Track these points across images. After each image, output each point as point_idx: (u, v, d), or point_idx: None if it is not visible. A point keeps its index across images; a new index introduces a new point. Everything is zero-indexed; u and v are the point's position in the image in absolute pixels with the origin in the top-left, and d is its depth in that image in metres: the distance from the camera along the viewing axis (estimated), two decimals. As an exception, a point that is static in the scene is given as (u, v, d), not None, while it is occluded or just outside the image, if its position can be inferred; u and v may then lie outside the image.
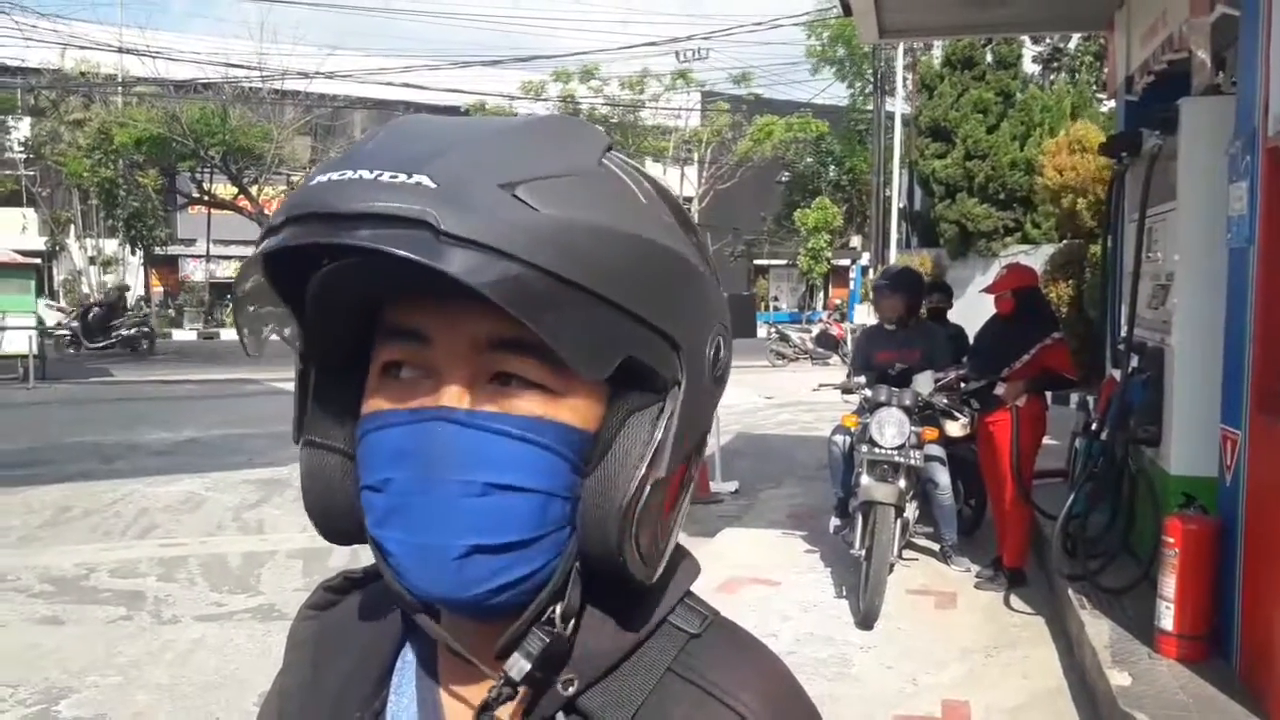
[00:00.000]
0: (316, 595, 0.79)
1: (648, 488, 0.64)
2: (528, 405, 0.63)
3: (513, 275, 0.57)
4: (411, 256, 0.55)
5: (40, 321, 17.43)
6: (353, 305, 0.66)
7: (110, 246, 32.61)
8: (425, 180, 0.57)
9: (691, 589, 0.74)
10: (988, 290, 5.95)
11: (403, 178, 0.58)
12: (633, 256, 0.62)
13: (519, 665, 0.64)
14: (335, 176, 0.59)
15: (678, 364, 0.65)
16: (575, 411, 0.64)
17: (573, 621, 0.66)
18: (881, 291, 6.13)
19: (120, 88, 31.21)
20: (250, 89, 30.22)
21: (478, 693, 0.68)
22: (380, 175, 0.58)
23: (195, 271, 35.60)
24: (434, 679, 0.72)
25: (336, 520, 0.69)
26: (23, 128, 31.35)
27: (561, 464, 0.64)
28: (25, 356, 16.14)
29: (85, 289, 32.39)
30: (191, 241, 34.65)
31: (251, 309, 0.67)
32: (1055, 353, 5.66)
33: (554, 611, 0.65)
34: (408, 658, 0.74)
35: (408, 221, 0.56)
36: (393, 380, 0.65)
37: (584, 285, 0.59)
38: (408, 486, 0.63)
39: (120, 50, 28.61)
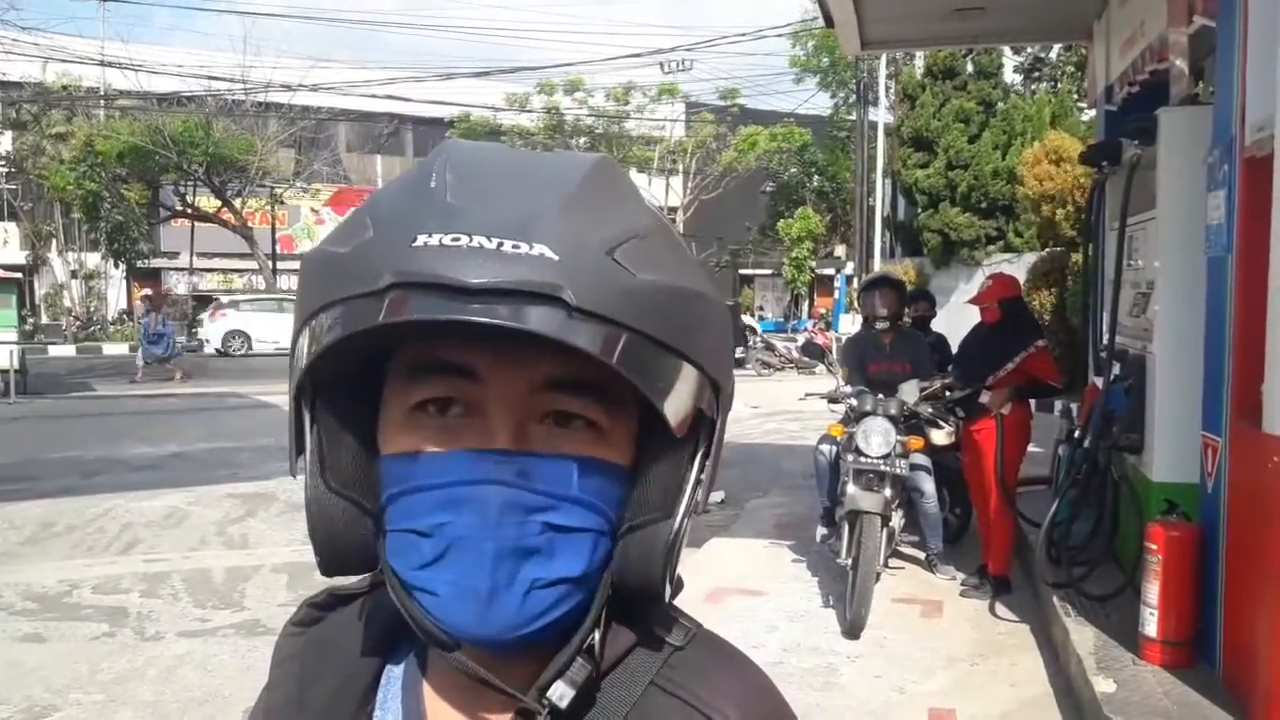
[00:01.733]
0: (302, 612, 0.78)
1: (689, 523, 0.66)
2: (581, 445, 0.64)
3: (631, 344, 0.58)
4: (556, 337, 0.56)
5: (22, 336, 17.33)
6: (376, 345, 0.64)
7: (93, 260, 32.44)
8: (547, 251, 0.57)
9: (675, 602, 0.74)
10: (974, 301, 5.99)
11: (525, 248, 0.57)
12: (699, 313, 0.64)
13: (561, 691, 0.65)
14: (448, 241, 0.57)
15: (716, 404, 0.67)
16: (617, 449, 0.66)
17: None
18: (872, 290, 6.15)
19: (103, 101, 31.09)
20: (234, 101, 30.15)
21: (462, 712, 0.69)
22: (502, 245, 0.57)
23: (178, 284, 35.40)
24: (419, 696, 0.72)
25: (348, 559, 0.68)
26: (4, 141, 31.16)
27: (613, 501, 0.66)
28: (6, 371, 16.01)
29: (67, 303, 32.20)
30: (175, 254, 34.49)
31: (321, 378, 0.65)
32: (1039, 360, 5.70)
33: (593, 640, 0.66)
34: (393, 674, 0.73)
35: (540, 297, 0.56)
36: (431, 417, 0.64)
37: (674, 347, 0.61)
38: (464, 531, 0.62)
39: (103, 63, 28.52)
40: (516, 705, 0.66)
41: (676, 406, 0.62)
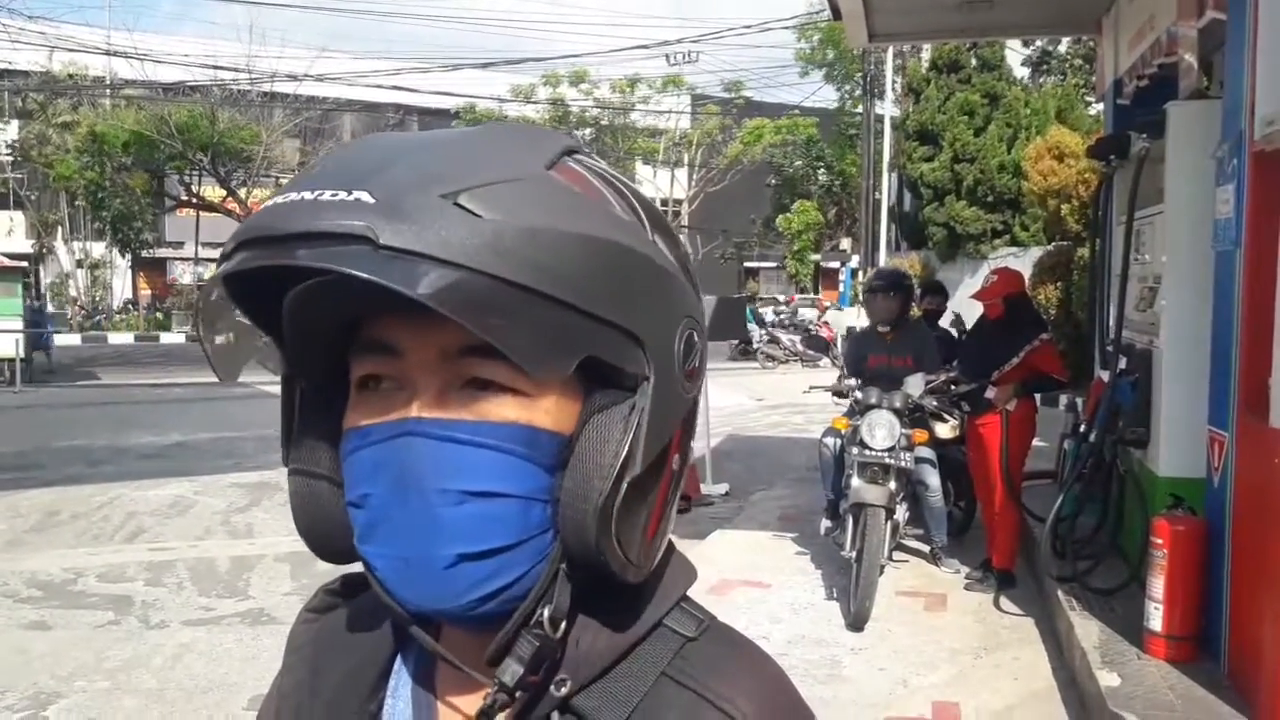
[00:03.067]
0: (317, 598, 0.79)
1: (624, 485, 0.63)
2: (502, 410, 0.63)
3: (453, 281, 0.57)
4: (350, 272, 0.56)
5: (29, 323, 17.33)
6: (328, 324, 0.66)
7: (98, 249, 32.49)
8: (364, 196, 0.58)
9: (688, 593, 0.74)
10: (978, 296, 5.97)
11: (342, 195, 0.58)
12: (582, 255, 0.61)
13: (511, 670, 0.64)
14: (280, 200, 0.60)
15: (644, 360, 0.65)
16: (549, 414, 0.64)
17: (563, 624, 0.66)
18: (875, 294, 6.13)
19: (108, 90, 31.09)
20: (239, 91, 30.14)
21: (472, 697, 0.68)
22: (321, 195, 0.59)
23: (183, 274, 35.44)
24: (429, 683, 0.72)
25: (331, 540, 0.69)
26: (10, 130, 31.20)
27: (537, 467, 0.64)
28: (12, 360, 16.05)
29: (72, 292, 32.25)
30: (179, 244, 34.53)
31: (217, 328, 0.68)
32: (1044, 353, 5.68)
33: (542, 615, 0.65)
34: (405, 661, 0.74)
35: (346, 238, 0.57)
36: (369, 394, 0.66)
37: (530, 286, 0.59)
38: (385, 500, 0.63)
39: (108, 53, 28.52)
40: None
41: (536, 350, 0.60)
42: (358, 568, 0.71)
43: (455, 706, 0.70)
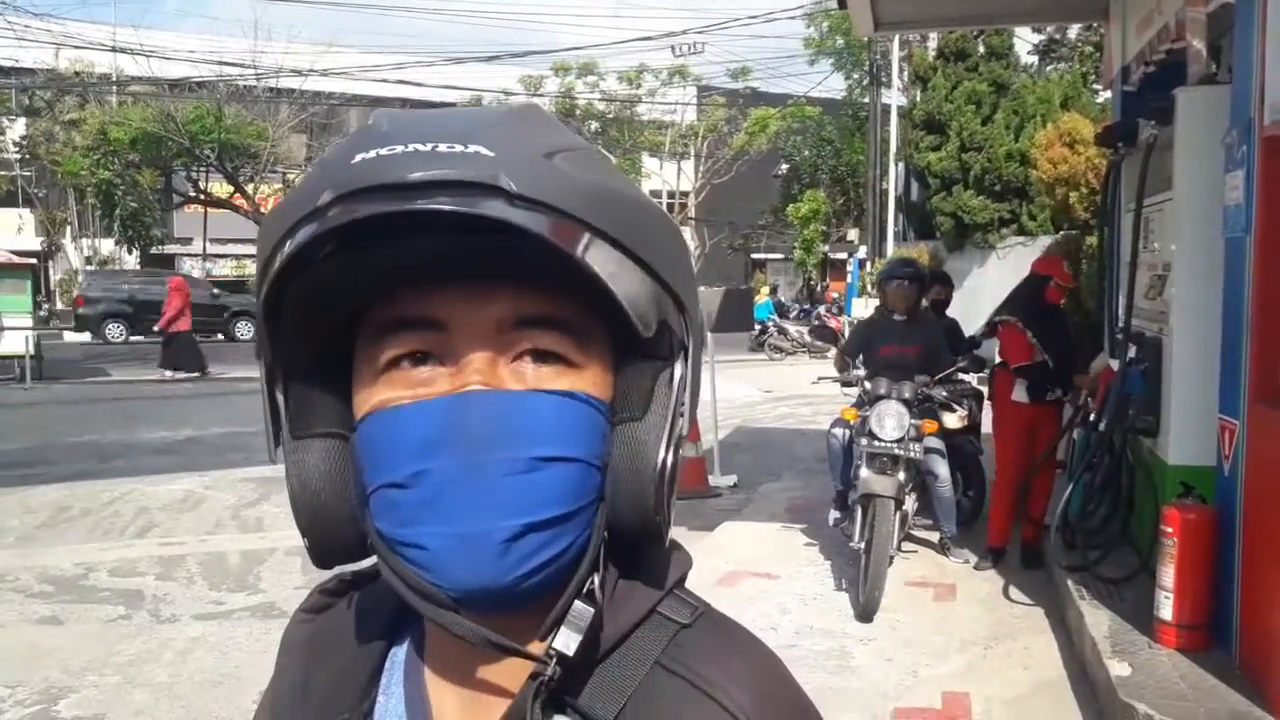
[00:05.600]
0: (312, 599, 0.78)
1: (673, 450, 0.65)
2: (555, 379, 0.63)
3: (582, 234, 0.59)
4: (503, 219, 0.56)
5: (37, 321, 17.39)
6: (342, 302, 0.64)
7: (106, 246, 32.57)
8: (482, 149, 0.58)
9: (684, 581, 0.73)
10: (1047, 271, 6.07)
11: (459, 148, 0.58)
12: (646, 217, 0.64)
13: (570, 640, 0.63)
14: (384, 152, 0.57)
15: (684, 326, 0.66)
16: (594, 384, 0.65)
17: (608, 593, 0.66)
18: (900, 283, 6.08)
19: (115, 87, 31.14)
20: (245, 87, 30.16)
21: (466, 689, 0.68)
22: (437, 147, 0.57)
23: (192, 271, 35.56)
24: (421, 679, 0.71)
25: (335, 534, 0.66)
26: (18, 128, 31.29)
27: (598, 431, 0.64)
28: (22, 357, 16.11)
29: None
30: (188, 241, 34.63)
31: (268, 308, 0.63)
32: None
33: (593, 583, 0.65)
34: (397, 658, 0.73)
35: (480, 187, 0.56)
36: (401, 373, 0.63)
37: (625, 244, 0.61)
38: (445, 476, 0.61)
39: (114, 49, 28.53)
40: (518, 675, 0.64)
41: (638, 305, 0.61)
42: (350, 566, 0.70)
43: (448, 700, 0.69)
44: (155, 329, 16.68)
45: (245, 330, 26.16)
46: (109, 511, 7.81)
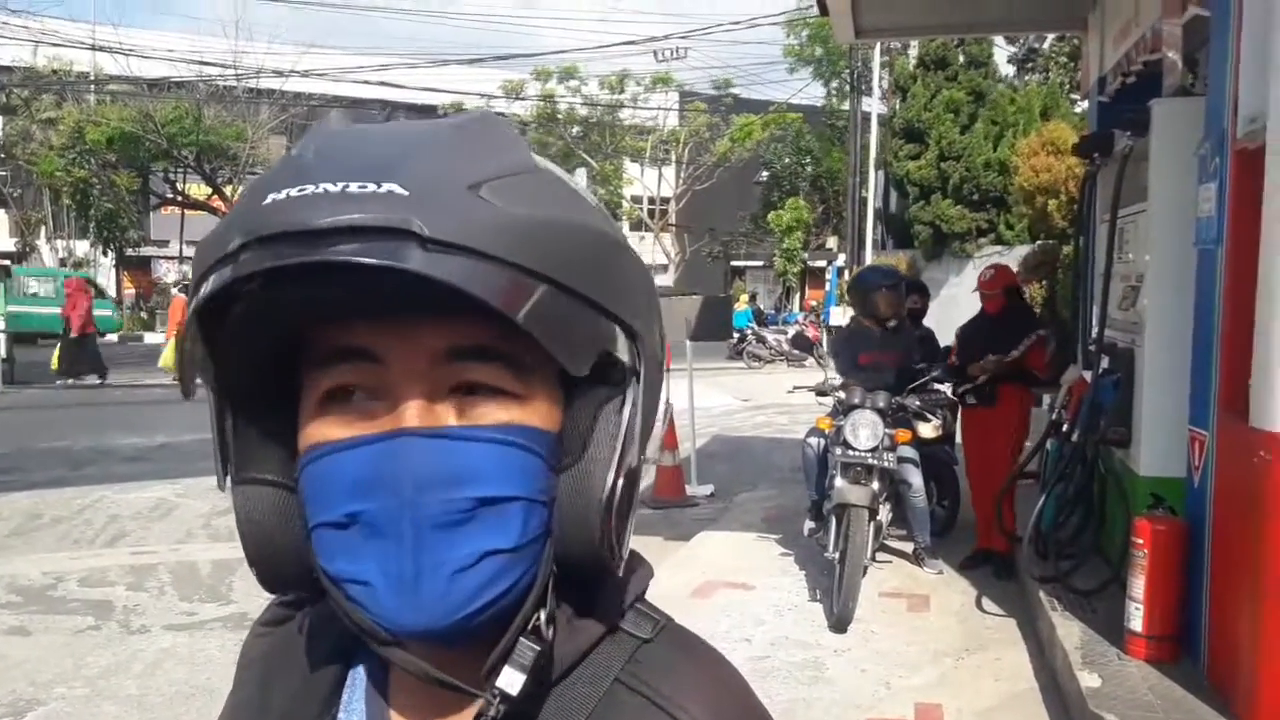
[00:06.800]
0: (270, 611, 0.77)
1: (621, 479, 0.63)
2: (494, 414, 0.62)
3: (500, 276, 0.56)
4: (414, 270, 0.54)
5: (11, 323, 17.19)
6: (278, 332, 0.63)
7: (82, 248, 32.28)
8: (396, 188, 0.55)
9: (645, 595, 0.73)
10: (982, 286, 6.15)
11: (372, 187, 0.55)
12: (589, 247, 0.61)
13: (512, 679, 0.61)
14: (294, 193, 0.55)
15: (636, 353, 0.64)
16: (539, 415, 0.63)
17: (553, 628, 0.64)
18: (887, 290, 6.08)
19: (93, 86, 30.90)
20: (225, 88, 30.00)
21: (431, 712, 0.67)
22: (348, 187, 0.55)
23: (168, 273, 35.23)
24: (385, 699, 0.70)
25: (282, 566, 0.65)
26: (-7, 127, 31.00)
27: (539, 467, 0.63)
28: (-6, 360, 15.94)
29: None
30: (165, 243, 34.33)
31: (194, 346, 0.62)
32: (1036, 351, 5.93)
33: (538, 619, 0.63)
34: (358, 677, 0.71)
35: (390, 232, 0.54)
36: (338, 406, 0.62)
37: (558, 280, 0.58)
38: (380, 516, 0.60)
39: (93, 48, 28.34)
40: (478, 701, 0.63)
41: (569, 344, 0.59)
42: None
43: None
44: (73, 334, 16.33)
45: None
46: (80, 520, 7.72)
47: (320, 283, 0.57)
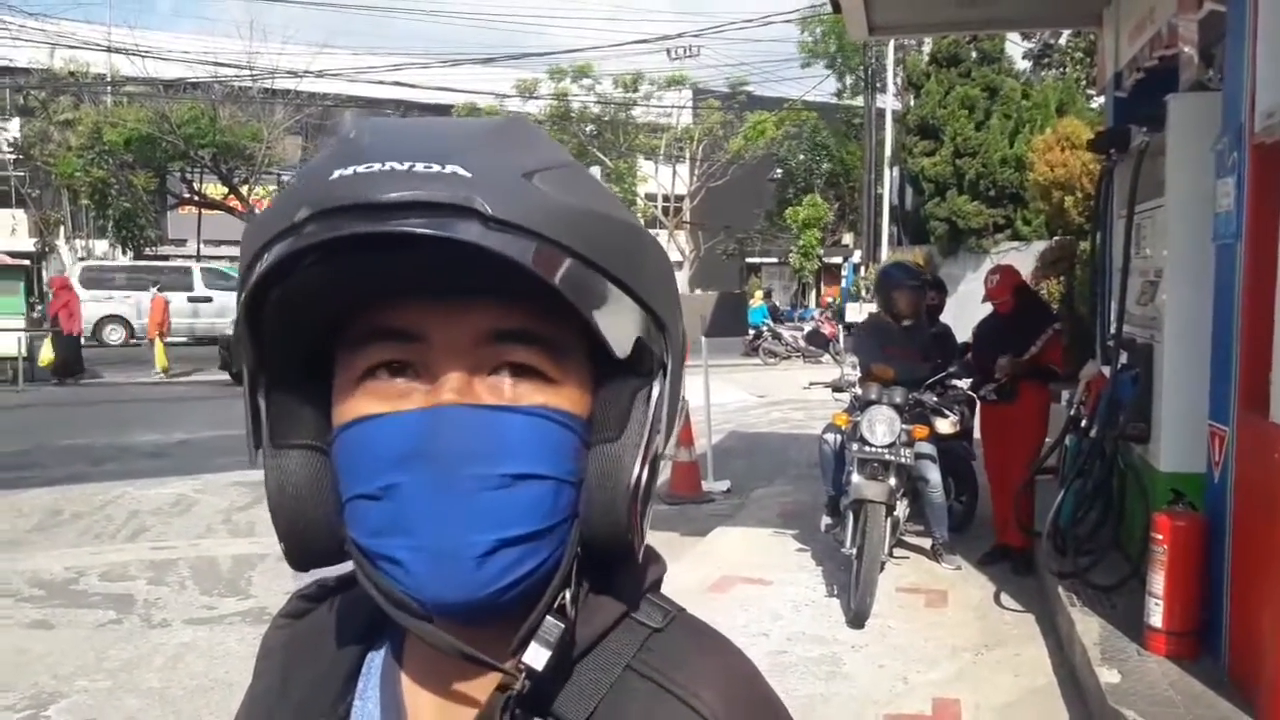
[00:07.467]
0: (291, 604, 0.78)
1: (648, 467, 0.65)
2: (532, 395, 0.64)
3: (558, 258, 0.59)
4: (477, 243, 0.56)
5: (29, 323, 17.31)
6: (322, 314, 0.64)
7: (100, 247, 32.48)
8: (460, 170, 0.58)
9: (659, 586, 0.74)
10: (990, 297, 6.08)
11: (436, 168, 0.58)
12: (626, 238, 0.64)
13: (539, 655, 0.63)
14: (360, 169, 0.58)
15: (665, 345, 0.66)
16: (571, 400, 0.65)
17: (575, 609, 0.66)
18: (912, 288, 6.11)
19: (109, 87, 31.09)
20: (240, 88, 30.13)
21: (445, 696, 0.68)
22: (414, 166, 0.57)
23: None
24: (397, 683, 0.71)
25: (313, 539, 0.66)
26: (12, 128, 31.19)
27: (572, 448, 0.65)
28: (14, 359, 16.05)
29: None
30: (182, 242, 34.51)
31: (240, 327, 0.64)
32: (1054, 345, 5.93)
33: (564, 598, 0.65)
34: (374, 662, 0.73)
35: (454, 209, 0.57)
36: (378, 383, 0.64)
37: (603, 268, 0.61)
38: (417, 489, 0.61)
39: (109, 49, 28.52)
40: (493, 683, 0.64)
41: (614, 329, 0.62)
42: (326, 571, 0.71)
43: (424, 705, 0.70)
44: (74, 333, 16.55)
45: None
46: (100, 515, 7.79)
47: (379, 260, 0.59)
